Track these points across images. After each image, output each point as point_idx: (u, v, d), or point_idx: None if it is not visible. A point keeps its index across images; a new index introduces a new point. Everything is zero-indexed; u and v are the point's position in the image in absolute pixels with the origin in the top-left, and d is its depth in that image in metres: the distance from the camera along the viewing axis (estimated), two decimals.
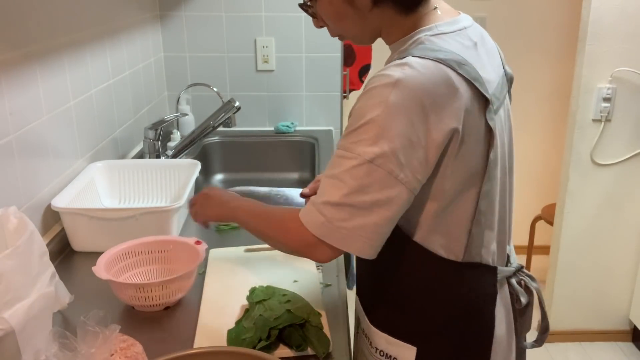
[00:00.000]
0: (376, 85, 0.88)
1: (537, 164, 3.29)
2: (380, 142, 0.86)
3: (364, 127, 0.87)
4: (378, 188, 0.87)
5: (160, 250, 1.27)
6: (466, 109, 0.89)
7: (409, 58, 0.88)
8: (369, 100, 0.88)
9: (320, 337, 1.01)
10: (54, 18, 1.44)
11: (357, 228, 0.89)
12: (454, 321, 1.02)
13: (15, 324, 0.85)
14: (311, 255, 0.95)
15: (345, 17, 0.98)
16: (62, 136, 1.48)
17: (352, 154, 0.88)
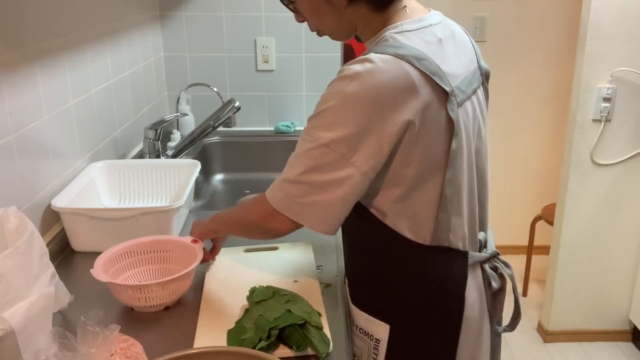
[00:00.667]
0: (338, 77, 0.96)
1: (537, 164, 3.29)
2: (335, 128, 0.95)
3: (322, 114, 0.97)
4: (331, 169, 0.96)
5: (159, 250, 1.27)
6: (424, 101, 0.95)
7: (370, 54, 0.95)
8: (329, 90, 0.97)
9: (321, 337, 1.01)
10: (54, 18, 1.44)
11: (311, 204, 0.98)
12: (424, 301, 1.09)
13: (15, 324, 0.85)
14: (269, 223, 1.04)
15: (323, 13, 1.05)
16: (62, 136, 1.48)
17: (310, 137, 0.97)
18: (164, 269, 1.26)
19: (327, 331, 1.04)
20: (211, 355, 0.87)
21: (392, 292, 1.10)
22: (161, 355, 0.84)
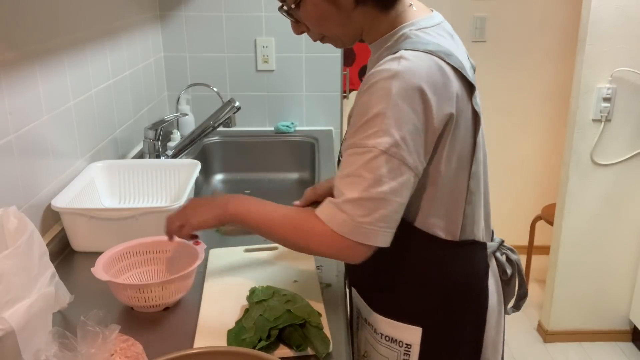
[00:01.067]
0: (377, 79, 0.92)
1: (537, 164, 3.29)
2: (391, 132, 0.90)
3: (372, 121, 0.91)
4: (393, 176, 0.91)
5: (159, 251, 1.27)
6: (457, 95, 0.96)
7: (403, 52, 0.94)
8: (372, 95, 0.92)
9: (321, 337, 1.01)
10: (54, 18, 1.44)
11: (379, 220, 0.92)
12: (454, 297, 1.09)
13: (15, 324, 0.85)
14: (338, 256, 0.98)
15: (329, 18, 1.01)
16: (62, 136, 1.48)
17: (365, 148, 0.91)
18: (165, 269, 1.26)
19: (327, 331, 1.04)
20: (211, 355, 0.87)
21: (422, 294, 1.09)
22: (161, 355, 0.84)
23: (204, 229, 1.08)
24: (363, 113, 0.93)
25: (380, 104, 0.91)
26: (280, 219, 1.03)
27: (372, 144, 0.91)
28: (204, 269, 1.28)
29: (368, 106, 0.92)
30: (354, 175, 0.92)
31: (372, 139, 0.91)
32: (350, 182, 0.93)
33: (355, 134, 0.93)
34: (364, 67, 2.68)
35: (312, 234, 0.97)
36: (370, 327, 1.14)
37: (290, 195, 2.22)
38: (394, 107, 0.90)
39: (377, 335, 1.13)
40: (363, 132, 0.92)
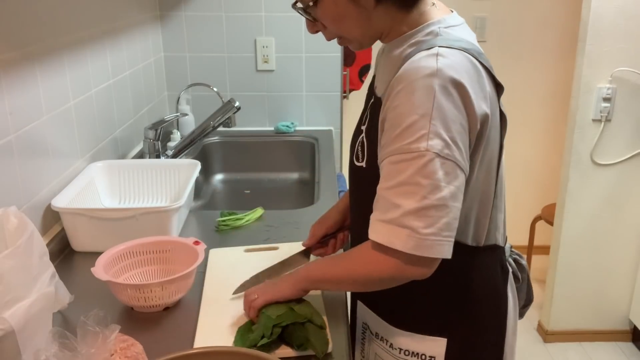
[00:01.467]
0: (415, 78, 0.86)
1: (537, 164, 3.29)
2: (441, 133, 0.85)
3: (419, 123, 0.85)
4: (449, 180, 0.86)
5: (159, 251, 1.26)
6: (490, 95, 0.93)
7: (438, 48, 0.89)
8: (412, 94, 0.86)
9: (321, 337, 1.00)
10: (54, 18, 1.44)
11: (442, 229, 0.86)
12: (477, 304, 1.06)
13: (15, 323, 0.85)
14: (404, 272, 0.90)
15: (349, 17, 0.96)
16: (62, 136, 1.48)
17: (415, 153, 0.85)
18: (165, 269, 1.26)
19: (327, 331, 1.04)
20: (211, 355, 0.87)
21: (447, 304, 1.04)
22: (161, 355, 0.84)
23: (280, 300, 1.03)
24: (404, 115, 0.86)
25: (424, 104, 0.85)
26: (340, 264, 0.98)
27: (424, 148, 0.84)
28: (204, 269, 1.28)
29: (410, 107, 0.86)
30: (408, 183, 0.85)
31: (422, 141, 0.84)
32: (404, 191, 0.86)
33: (399, 138, 0.86)
34: (364, 67, 2.68)
35: (374, 264, 0.91)
36: (384, 342, 1.09)
37: (290, 195, 2.23)
38: (439, 107, 0.85)
39: (395, 350, 1.08)
40: (410, 136, 0.85)
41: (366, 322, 1.15)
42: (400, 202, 0.86)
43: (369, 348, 1.15)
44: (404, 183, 0.86)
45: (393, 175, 0.87)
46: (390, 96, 0.90)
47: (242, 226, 1.54)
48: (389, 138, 0.89)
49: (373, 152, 0.98)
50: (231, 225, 1.53)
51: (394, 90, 0.89)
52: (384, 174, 0.89)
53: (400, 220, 0.86)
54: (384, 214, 0.88)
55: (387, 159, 0.89)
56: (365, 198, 1.00)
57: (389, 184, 0.88)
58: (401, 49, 0.98)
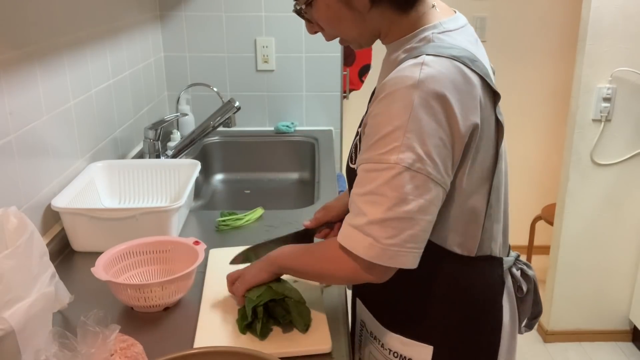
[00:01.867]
0: (397, 88, 0.86)
1: (537, 164, 3.29)
2: (415, 146, 0.84)
3: (393, 134, 0.85)
4: (419, 194, 0.86)
5: (159, 251, 1.27)
6: (481, 103, 0.90)
7: (424, 57, 0.88)
8: (391, 104, 0.86)
9: (300, 311, 1.05)
10: (54, 18, 1.44)
11: (406, 241, 0.87)
12: (468, 315, 1.04)
13: (15, 323, 0.85)
14: (361, 277, 0.92)
15: (344, 19, 0.95)
16: (62, 136, 1.48)
17: (385, 164, 0.85)
18: (165, 269, 1.26)
19: (326, 331, 1.05)
20: (211, 355, 0.87)
21: (435, 311, 1.03)
22: (161, 355, 0.84)
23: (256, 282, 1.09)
24: (381, 124, 0.86)
25: (401, 116, 0.84)
26: (307, 255, 1.02)
27: (394, 160, 0.85)
28: (204, 269, 1.28)
29: (387, 117, 0.86)
30: (376, 193, 0.86)
31: (394, 154, 0.85)
32: (371, 200, 0.87)
33: (373, 148, 0.87)
34: (364, 67, 2.68)
35: (336, 262, 0.93)
36: (377, 342, 1.10)
37: (290, 195, 2.23)
38: (415, 120, 0.84)
39: (385, 350, 1.09)
40: (383, 147, 0.86)
41: (363, 320, 1.16)
42: (366, 210, 0.87)
43: (366, 347, 1.16)
44: (372, 192, 0.87)
45: (364, 183, 0.88)
46: (374, 103, 0.90)
47: (242, 226, 1.54)
48: (366, 145, 0.89)
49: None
50: (231, 225, 1.53)
51: (377, 97, 0.89)
52: (358, 180, 0.90)
53: (364, 228, 0.88)
54: (353, 218, 0.90)
55: (361, 165, 0.90)
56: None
57: (360, 191, 0.89)
58: (397, 54, 0.97)
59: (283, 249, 1.08)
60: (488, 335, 1.06)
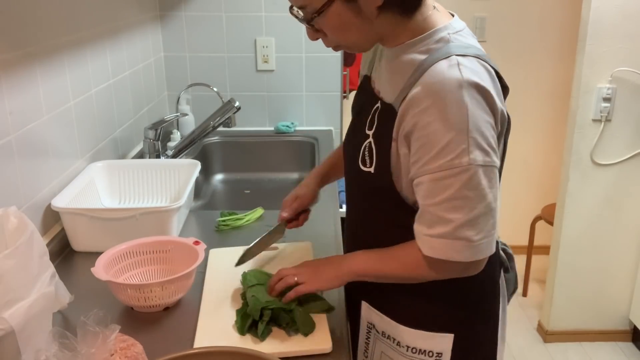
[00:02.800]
0: (444, 92, 0.88)
1: (537, 164, 3.29)
2: (480, 142, 0.89)
3: (457, 138, 0.88)
4: (492, 185, 0.91)
5: (159, 251, 1.27)
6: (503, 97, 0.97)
7: (456, 57, 0.91)
8: (444, 110, 0.88)
9: (306, 320, 1.05)
10: (54, 18, 1.44)
11: (490, 230, 0.93)
12: (479, 297, 1.10)
13: (15, 324, 0.85)
14: (464, 275, 0.98)
15: (351, 26, 0.96)
16: (62, 136, 1.48)
17: (459, 168, 0.89)
18: (165, 269, 1.26)
19: (326, 331, 1.05)
20: (211, 355, 0.87)
21: (454, 299, 1.07)
22: (161, 355, 0.84)
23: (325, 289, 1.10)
24: (440, 131, 0.88)
25: (459, 119, 0.88)
26: (390, 261, 1.03)
27: (466, 162, 0.88)
28: (204, 269, 1.28)
29: (445, 123, 0.88)
30: (457, 198, 0.90)
31: (464, 156, 0.88)
32: (453, 206, 0.90)
33: (440, 156, 0.89)
34: None
35: (428, 268, 0.97)
36: (392, 341, 1.11)
37: None
38: (473, 117, 0.88)
39: (402, 348, 1.10)
40: (450, 153, 0.88)
41: (372, 322, 1.15)
42: (451, 216, 0.91)
43: (375, 347, 1.16)
44: (451, 198, 0.90)
45: (439, 192, 0.91)
46: (416, 111, 0.91)
47: (242, 226, 1.54)
48: (426, 156, 0.91)
49: (383, 160, 1.00)
50: (231, 225, 1.53)
51: (421, 106, 0.90)
52: (427, 190, 0.92)
53: (454, 233, 0.91)
54: (432, 228, 0.93)
55: (427, 175, 0.91)
56: (371, 202, 1.05)
57: (435, 200, 0.92)
58: (411, 56, 0.97)
59: (355, 256, 1.08)
60: (493, 312, 1.14)
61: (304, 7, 0.95)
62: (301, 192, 1.31)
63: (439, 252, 0.94)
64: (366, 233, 1.12)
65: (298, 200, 1.30)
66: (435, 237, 0.93)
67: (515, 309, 2.96)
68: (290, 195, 1.31)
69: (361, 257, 1.07)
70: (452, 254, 0.93)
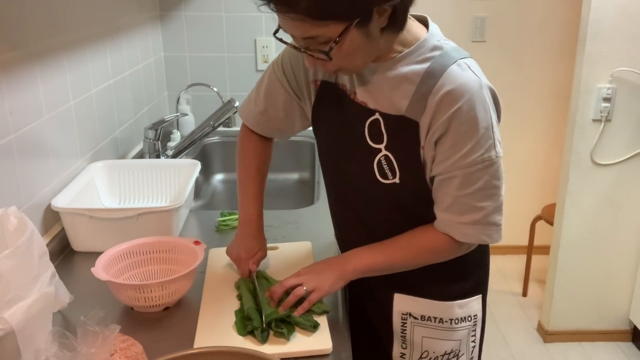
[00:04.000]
0: (469, 95, 0.97)
1: (537, 164, 3.29)
2: (498, 136, 1.02)
3: (486, 134, 0.99)
4: (502, 171, 1.03)
5: (159, 251, 1.26)
6: None
7: (462, 61, 1.00)
8: (472, 110, 0.97)
9: (305, 328, 1.06)
10: (54, 18, 1.44)
11: (502, 209, 1.05)
12: (486, 256, 1.24)
13: (15, 324, 0.85)
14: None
15: (361, 50, 0.97)
16: (62, 136, 1.48)
17: (488, 161, 1.00)
18: (165, 269, 1.26)
19: (326, 331, 1.05)
20: (211, 355, 0.87)
21: (476, 265, 1.21)
22: (161, 355, 0.84)
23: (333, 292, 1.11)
24: (470, 131, 0.98)
25: (485, 116, 0.98)
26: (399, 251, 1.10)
27: (494, 155, 1.00)
28: (204, 269, 1.28)
29: (474, 122, 0.97)
30: (487, 187, 1.01)
31: (492, 150, 0.99)
32: (485, 195, 1.01)
33: (472, 152, 0.98)
34: None
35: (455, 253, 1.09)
36: (433, 321, 1.18)
37: (290, 195, 2.22)
38: (492, 114, 1.00)
39: (445, 323, 1.18)
40: (481, 148, 0.99)
41: (407, 310, 1.19)
42: (483, 204, 1.02)
43: (413, 335, 1.20)
44: (483, 188, 1.01)
45: (471, 183, 1.00)
46: (447, 115, 0.97)
47: None
48: (458, 153, 0.99)
49: (409, 168, 1.04)
50: (231, 225, 1.53)
51: (451, 109, 0.97)
52: (460, 183, 1.01)
53: (485, 219, 1.03)
54: (463, 216, 1.03)
55: (460, 170, 1.00)
56: (397, 207, 1.10)
57: (469, 191, 1.01)
58: (409, 67, 1.01)
59: (357, 254, 1.11)
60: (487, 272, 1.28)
61: (313, 37, 0.94)
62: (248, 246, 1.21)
63: (472, 238, 1.04)
64: (390, 232, 1.13)
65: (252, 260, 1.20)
66: (467, 225, 1.03)
67: (515, 309, 2.96)
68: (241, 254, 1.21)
69: (364, 254, 1.11)
70: (484, 238, 1.04)
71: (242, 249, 1.21)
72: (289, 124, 1.24)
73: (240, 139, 1.30)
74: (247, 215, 1.24)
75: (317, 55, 0.96)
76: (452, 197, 1.02)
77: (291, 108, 1.21)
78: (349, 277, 1.10)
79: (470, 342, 1.23)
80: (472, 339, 1.23)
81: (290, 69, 1.18)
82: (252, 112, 1.27)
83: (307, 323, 1.05)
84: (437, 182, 1.04)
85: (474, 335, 1.23)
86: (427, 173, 1.04)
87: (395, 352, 1.23)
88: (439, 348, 1.20)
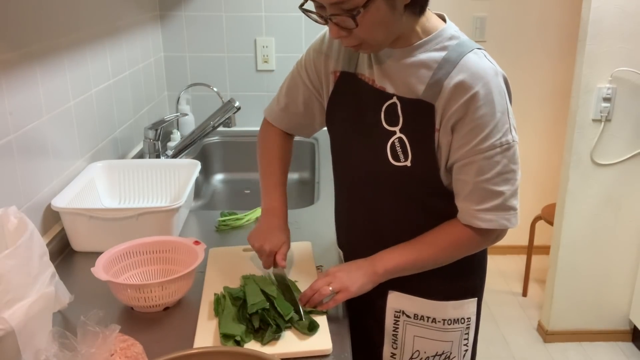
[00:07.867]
0: (486, 81, 0.99)
1: (537, 164, 3.29)
2: (513, 122, 1.03)
3: (502, 119, 1.00)
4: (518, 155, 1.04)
5: (159, 251, 1.27)
6: None
7: (479, 50, 1.04)
8: (488, 96, 0.99)
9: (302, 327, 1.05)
10: (54, 18, 1.44)
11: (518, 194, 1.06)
12: (484, 259, 1.24)
13: (15, 324, 0.85)
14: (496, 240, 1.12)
15: (385, 22, 0.98)
16: (62, 136, 1.48)
17: (506, 145, 1.01)
18: (165, 269, 1.26)
19: (326, 332, 1.05)
20: (211, 355, 0.87)
21: (474, 268, 1.20)
22: (161, 355, 0.84)
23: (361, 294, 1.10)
24: (487, 116, 0.99)
25: (501, 102, 1.00)
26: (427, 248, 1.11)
27: (510, 139, 1.01)
28: (204, 269, 1.28)
29: (491, 108, 0.99)
30: (505, 172, 1.02)
31: (508, 135, 1.01)
32: (503, 179, 1.02)
33: (489, 137, 1.00)
34: None
35: (480, 243, 1.10)
36: (426, 320, 1.18)
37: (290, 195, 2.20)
38: (508, 101, 1.02)
39: (438, 323, 1.18)
40: (498, 133, 1.00)
41: (401, 308, 1.19)
42: (501, 189, 1.02)
43: (405, 334, 1.20)
44: (501, 172, 1.02)
45: (490, 168, 1.02)
46: (464, 100, 0.99)
47: (242, 226, 1.54)
48: (477, 138, 1.00)
49: (422, 151, 1.05)
50: (231, 225, 1.53)
51: (468, 93, 0.99)
52: (478, 168, 1.02)
53: (504, 204, 1.03)
54: (482, 203, 1.04)
55: (479, 155, 1.01)
56: (407, 193, 1.11)
57: (488, 176, 1.02)
58: (427, 54, 1.04)
59: (385, 255, 1.11)
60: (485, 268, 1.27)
61: (341, 2, 0.95)
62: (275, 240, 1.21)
63: (493, 224, 1.04)
64: (398, 226, 1.14)
65: (279, 251, 1.21)
66: (487, 211, 1.04)
67: (515, 309, 2.96)
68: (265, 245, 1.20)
69: (392, 254, 1.11)
70: (503, 222, 1.04)
71: (267, 241, 1.20)
72: (309, 120, 1.28)
73: (261, 135, 1.35)
74: (271, 203, 1.29)
75: (343, 24, 0.97)
76: (471, 184, 1.03)
77: (310, 103, 1.25)
78: (379, 279, 1.10)
79: (462, 346, 1.22)
80: (464, 342, 1.22)
81: (311, 63, 1.21)
82: (274, 109, 1.32)
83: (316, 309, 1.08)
84: (455, 170, 1.05)
85: (466, 339, 1.22)
86: (440, 159, 1.05)
87: (386, 352, 1.23)
88: (430, 348, 1.20)
